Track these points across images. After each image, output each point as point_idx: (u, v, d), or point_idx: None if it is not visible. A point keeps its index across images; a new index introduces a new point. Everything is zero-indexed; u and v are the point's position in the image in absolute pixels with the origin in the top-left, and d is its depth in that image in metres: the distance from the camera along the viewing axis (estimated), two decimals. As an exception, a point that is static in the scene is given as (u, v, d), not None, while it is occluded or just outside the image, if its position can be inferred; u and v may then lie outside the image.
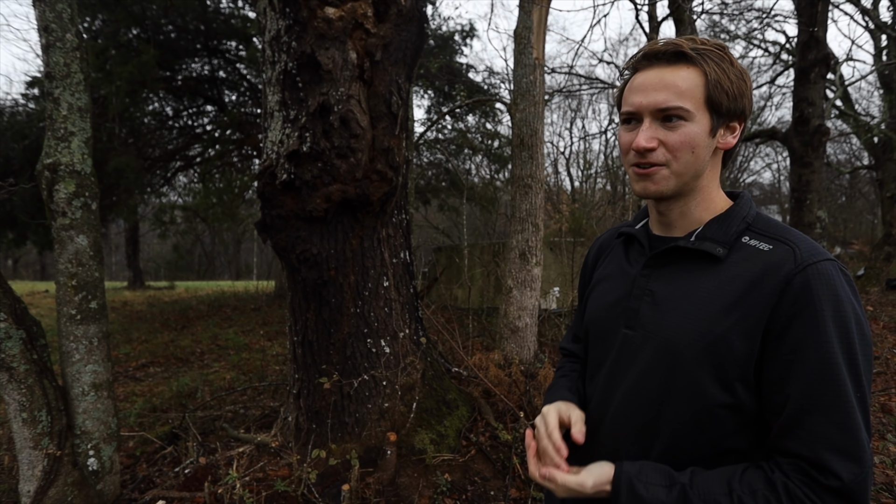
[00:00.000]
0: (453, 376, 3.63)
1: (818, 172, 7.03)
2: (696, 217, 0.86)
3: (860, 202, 23.02)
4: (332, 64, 2.36)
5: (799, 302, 0.71)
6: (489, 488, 2.48)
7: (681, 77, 0.79)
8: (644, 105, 0.80)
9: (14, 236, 8.85)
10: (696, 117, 0.79)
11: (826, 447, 0.69)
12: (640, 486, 0.76)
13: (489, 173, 14.67)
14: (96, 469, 2.36)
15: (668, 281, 0.85)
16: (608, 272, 0.99)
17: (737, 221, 0.82)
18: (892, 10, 10.99)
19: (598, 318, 0.96)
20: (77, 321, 2.35)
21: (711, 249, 0.80)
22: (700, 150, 0.80)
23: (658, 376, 0.82)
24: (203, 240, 28.90)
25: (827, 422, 0.69)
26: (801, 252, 0.74)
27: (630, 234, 0.96)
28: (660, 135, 0.80)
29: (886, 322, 6.09)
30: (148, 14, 8.41)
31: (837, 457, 0.68)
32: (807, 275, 0.72)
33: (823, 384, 0.70)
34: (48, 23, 2.32)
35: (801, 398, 0.71)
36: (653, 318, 0.84)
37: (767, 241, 0.79)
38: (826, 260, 0.73)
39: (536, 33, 4.22)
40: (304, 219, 2.49)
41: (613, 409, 0.88)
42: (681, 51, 0.79)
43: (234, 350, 6.65)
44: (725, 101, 0.79)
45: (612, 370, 0.90)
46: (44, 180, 2.32)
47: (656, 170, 0.81)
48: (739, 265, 0.78)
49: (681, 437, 0.80)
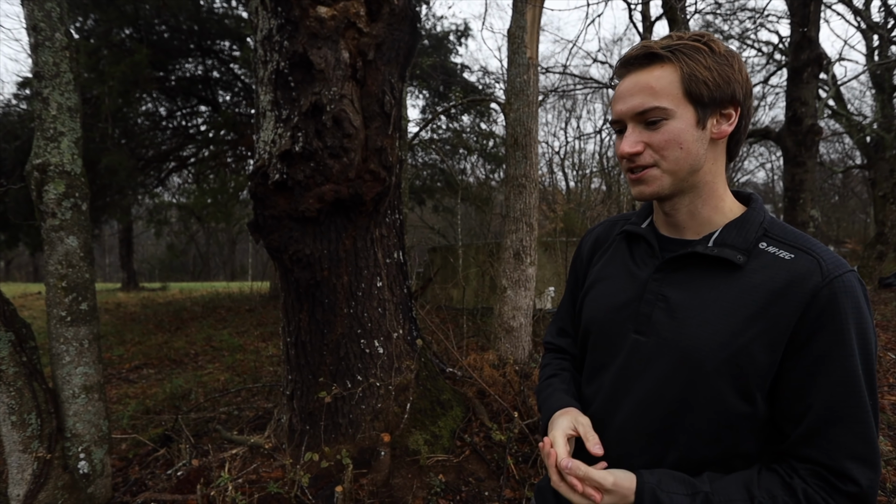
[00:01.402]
0: (448, 376, 3.63)
1: (811, 172, 7.06)
2: (705, 217, 0.85)
3: (853, 201, 23.19)
4: (324, 63, 2.35)
5: (825, 315, 0.72)
6: (483, 489, 2.47)
7: (654, 77, 0.79)
8: (624, 112, 0.81)
9: (6, 238, 8.79)
10: (676, 113, 0.78)
11: (847, 456, 0.71)
12: (664, 496, 0.75)
13: (484, 173, 14.68)
14: (87, 472, 2.34)
15: (684, 287, 0.83)
16: (610, 271, 0.97)
17: (755, 227, 0.81)
18: (883, 10, 11.07)
19: (602, 320, 0.93)
20: (67, 323, 2.32)
21: (732, 257, 0.79)
22: (689, 145, 0.79)
23: (676, 386, 0.80)
24: (198, 241, 28.75)
25: (849, 432, 0.71)
26: (827, 264, 0.74)
27: (635, 232, 0.94)
28: (644, 137, 0.80)
29: (879, 321, 6.13)
30: (141, 14, 8.36)
31: (857, 464, 0.71)
32: (833, 288, 0.72)
33: (847, 396, 0.71)
34: (37, 22, 2.29)
35: (824, 408, 0.72)
36: (668, 325, 0.82)
37: (788, 250, 0.78)
38: (849, 272, 0.74)
39: (530, 33, 4.22)
40: (297, 219, 2.48)
41: (623, 415, 0.87)
42: (651, 52, 0.79)
43: (229, 351, 6.62)
44: (706, 91, 0.77)
45: (621, 375, 0.88)
46: (33, 181, 2.30)
47: (646, 172, 0.81)
48: (760, 273, 0.77)
49: (697, 445, 0.80)
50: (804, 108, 6.98)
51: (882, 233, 8.77)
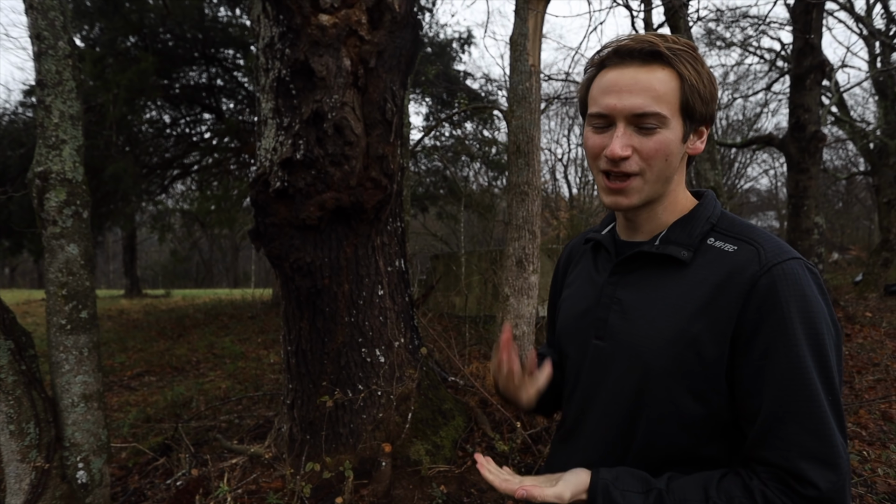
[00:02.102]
0: (449, 386, 3.60)
1: (815, 178, 7.03)
2: (661, 220, 0.83)
3: (857, 208, 23.10)
4: (325, 71, 2.35)
5: (766, 305, 0.69)
6: (486, 500, 2.44)
7: (657, 79, 0.73)
8: (618, 109, 0.73)
9: (10, 244, 8.83)
10: (671, 123, 0.74)
11: (801, 455, 0.67)
12: (616, 493, 0.74)
13: (487, 180, 14.69)
14: (85, 482, 2.32)
15: (636, 288, 0.82)
16: (577, 281, 0.96)
17: (701, 222, 0.79)
18: (885, 17, 11.07)
19: (568, 329, 0.93)
20: (67, 331, 2.31)
21: (676, 253, 0.77)
22: (673, 158, 0.76)
23: (629, 388, 0.79)
24: (201, 247, 28.84)
25: (801, 429, 0.67)
26: (766, 252, 0.71)
27: (597, 240, 0.93)
28: (634, 142, 0.74)
29: (886, 328, 6.06)
30: (146, 22, 8.43)
31: (813, 465, 0.66)
32: (772, 276, 0.69)
33: (795, 390, 0.67)
34: (40, 31, 2.30)
35: (773, 405, 0.69)
36: (621, 327, 0.81)
37: (732, 242, 0.76)
38: (792, 259, 0.71)
39: (532, 40, 4.22)
40: (298, 227, 2.47)
41: (591, 422, 0.86)
42: (657, 50, 0.73)
43: (231, 359, 6.60)
44: (699, 107, 0.75)
45: (587, 382, 0.87)
46: (35, 188, 2.30)
47: (630, 181, 0.76)
48: (705, 268, 0.75)
49: (655, 448, 0.78)
50: (807, 115, 6.96)
51: (887, 239, 8.72)
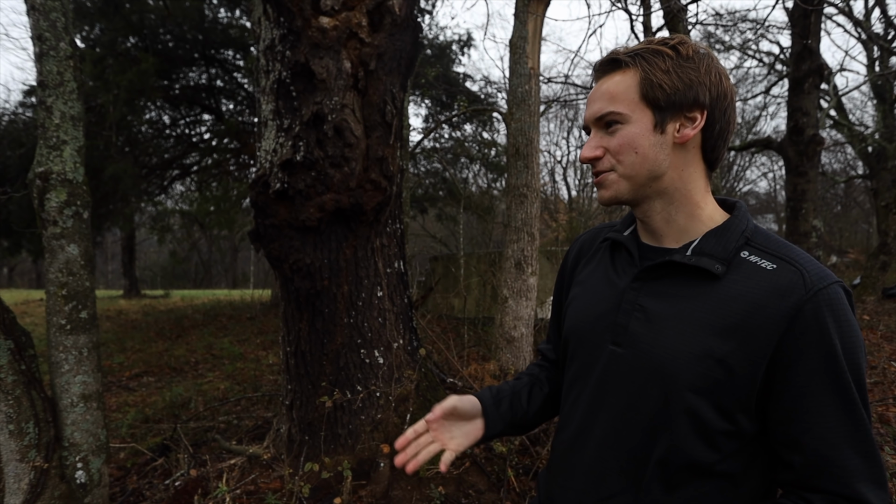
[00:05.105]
0: (448, 387, 3.60)
1: (813, 182, 7.06)
2: (682, 225, 0.82)
3: (855, 211, 23.13)
4: (326, 73, 2.36)
5: (810, 332, 0.69)
6: (484, 501, 2.44)
7: (613, 83, 0.80)
8: (587, 118, 0.84)
9: (9, 244, 8.82)
10: (631, 118, 0.79)
11: (860, 480, 0.69)
12: None
13: (486, 182, 14.71)
14: (84, 482, 2.32)
15: (661, 297, 0.80)
16: (591, 280, 0.94)
17: (736, 236, 0.78)
18: (883, 21, 11.12)
19: (580, 330, 0.91)
20: (67, 331, 2.32)
21: (710, 266, 0.76)
22: (645, 150, 0.78)
23: (652, 399, 0.77)
24: (200, 248, 28.81)
25: (856, 455, 0.69)
26: (810, 275, 0.71)
27: (617, 240, 0.91)
28: (603, 142, 0.82)
29: (884, 332, 6.08)
30: (146, 23, 8.45)
31: (871, 487, 0.69)
32: (817, 301, 0.69)
33: (846, 419, 0.69)
34: (42, 32, 2.31)
35: (826, 434, 0.69)
36: (645, 336, 0.80)
37: (770, 260, 0.74)
38: (834, 283, 0.71)
39: (532, 43, 4.24)
40: (298, 228, 2.48)
41: (601, 430, 0.84)
42: (614, 58, 0.81)
43: (229, 360, 6.60)
44: (662, 94, 0.76)
45: (598, 388, 0.85)
46: (35, 189, 2.30)
47: (604, 176, 0.83)
48: (740, 284, 0.74)
49: (675, 460, 0.76)
50: (805, 119, 6.99)
51: (885, 243, 8.74)
